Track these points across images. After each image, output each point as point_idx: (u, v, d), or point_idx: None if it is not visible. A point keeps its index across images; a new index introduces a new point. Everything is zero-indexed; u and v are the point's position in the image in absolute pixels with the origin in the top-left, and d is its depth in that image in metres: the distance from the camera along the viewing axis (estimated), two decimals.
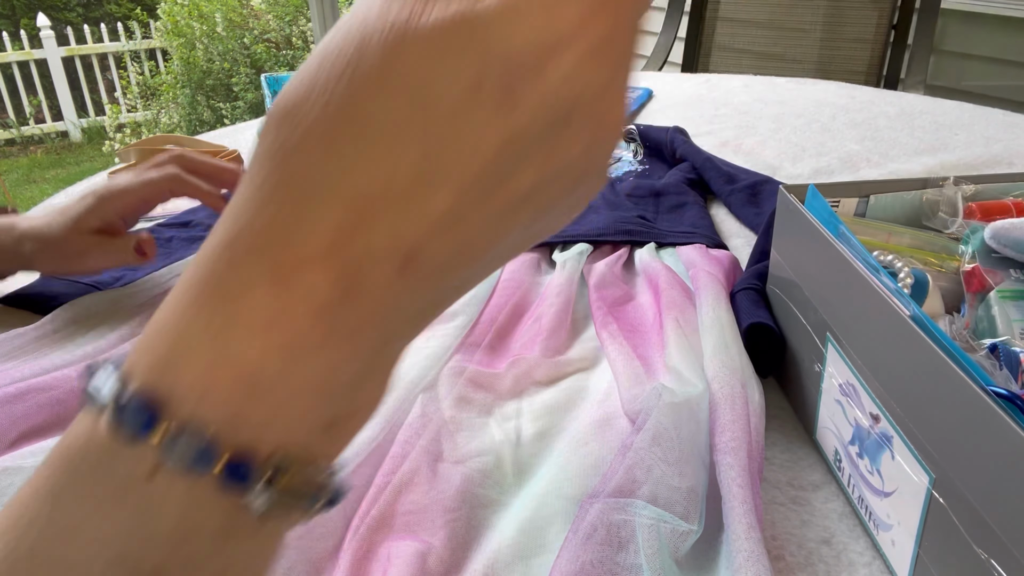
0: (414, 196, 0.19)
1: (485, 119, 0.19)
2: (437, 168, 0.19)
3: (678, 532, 0.38)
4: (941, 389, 0.33)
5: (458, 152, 0.19)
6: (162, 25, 4.80)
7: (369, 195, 0.18)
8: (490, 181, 0.19)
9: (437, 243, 0.19)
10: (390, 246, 0.19)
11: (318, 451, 0.20)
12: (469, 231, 0.19)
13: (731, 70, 1.93)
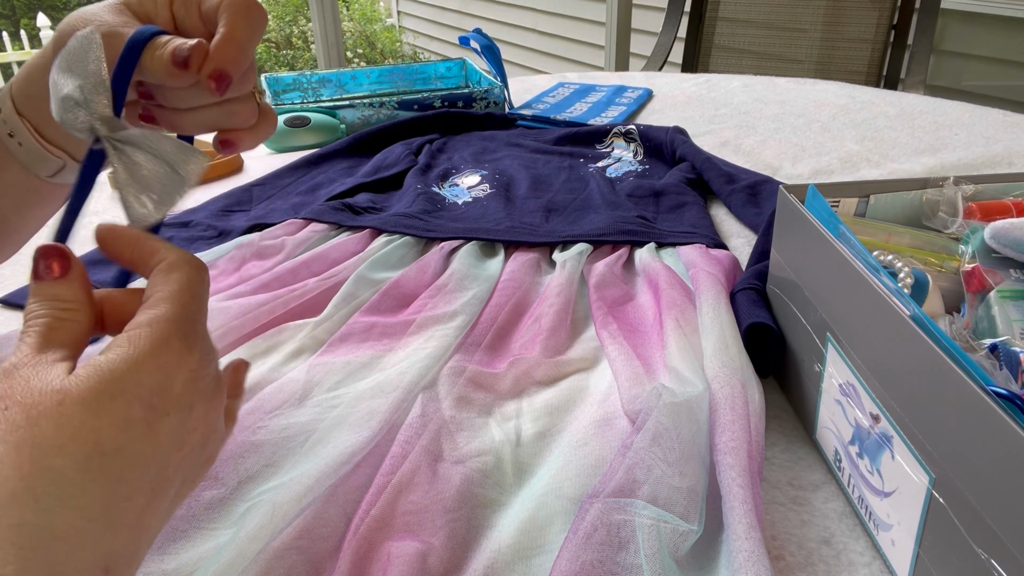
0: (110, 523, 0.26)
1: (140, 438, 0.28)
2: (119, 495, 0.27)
3: (678, 532, 0.38)
4: (941, 389, 0.33)
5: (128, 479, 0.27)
6: None
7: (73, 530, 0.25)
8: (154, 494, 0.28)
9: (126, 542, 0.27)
10: (96, 561, 0.25)
11: None
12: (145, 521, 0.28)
13: (731, 70, 1.93)
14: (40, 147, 0.43)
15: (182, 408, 0.29)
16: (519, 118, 1.09)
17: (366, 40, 5.04)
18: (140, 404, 0.28)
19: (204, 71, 0.37)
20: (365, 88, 1.25)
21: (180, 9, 0.40)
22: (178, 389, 0.29)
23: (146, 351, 0.28)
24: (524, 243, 0.70)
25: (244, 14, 0.39)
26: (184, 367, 0.29)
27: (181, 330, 0.30)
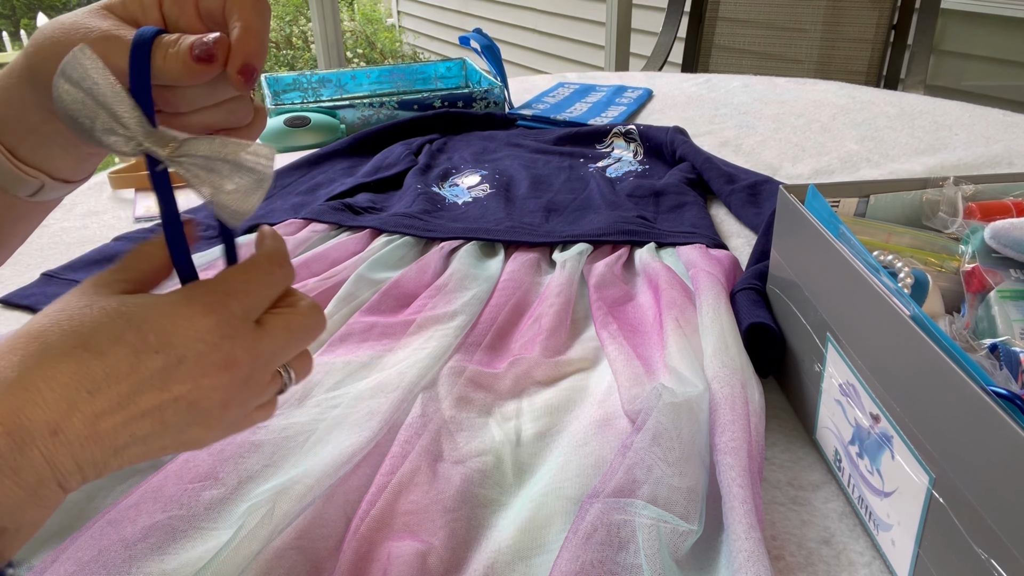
0: (68, 401, 0.29)
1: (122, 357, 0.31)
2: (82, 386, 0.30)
3: (678, 532, 0.38)
4: (941, 389, 0.33)
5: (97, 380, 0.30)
6: None
7: (36, 387, 0.29)
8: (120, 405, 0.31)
9: (75, 425, 0.30)
10: (45, 421, 0.29)
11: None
12: (102, 424, 0.30)
13: (731, 70, 1.93)
14: (15, 170, 0.42)
15: (171, 356, 0.32)
16: (519, 118, 1.09)
17: (366, 40, 5.04)
18: (137, 331, 0.31)
19: (231, 66, 0.36)
20: (365, 88, 1.25)
21: (172, 9, 0.39)
22: (176, 340, 0.32)
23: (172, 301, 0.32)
24: (524, 243, 0.70)
25: (255, 6, 0.38)
26: (191, 326, 0.32)
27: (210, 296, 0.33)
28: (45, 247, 0.77)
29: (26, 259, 0.74)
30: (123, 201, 0.88)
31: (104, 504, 0.43)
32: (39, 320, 0.31)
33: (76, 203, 0.88)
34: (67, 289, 0.63)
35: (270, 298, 0.36)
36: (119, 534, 0.39)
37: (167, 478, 0.42)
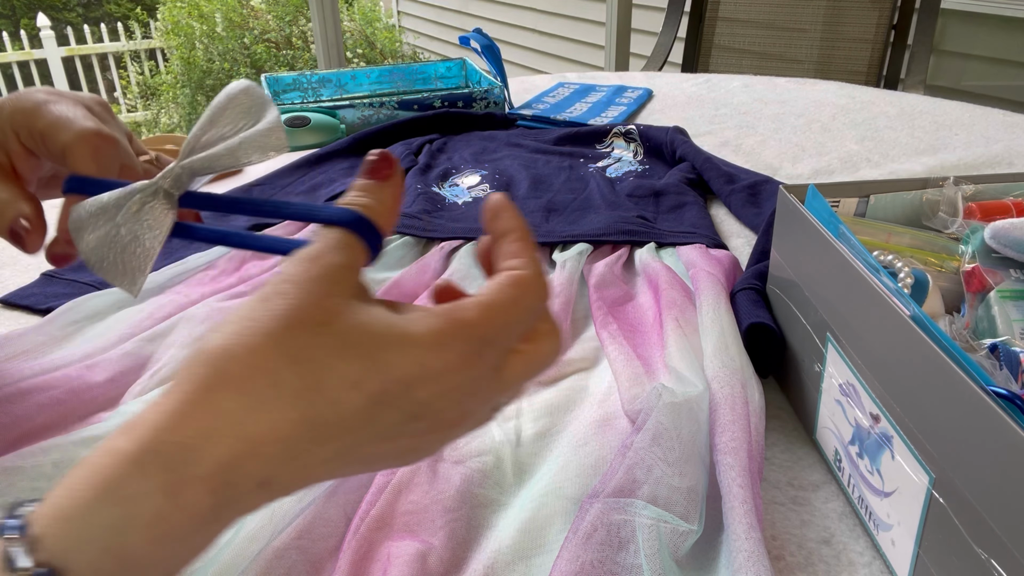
0: (287, 453, 0.26)
1: (356, 408, 0.26)
2: (308, 437, 0.26)
3: (678, 532, 0.38)
4: (941, 389, 0.33)
5: (325, 430, 0.26)
6: (162, 25, 4.81)
7: (254, 438, 0.25)
8: (338, 457, 0.27)
9: (287, 475, 0.27)
10: (260, 474, 0.26)
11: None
12: (313, 474, 0.27)
13: (731, 70, 1.93)
14: None
15: (408, 414, 0.28)
16: (519, 118, 1.09)
17: (366, 40, 5.04)
18: (378, 381, 0.27)
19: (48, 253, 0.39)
20: (365, 88, 1.25)
21: (29, 141, 0.41)
22: (421, 395, 0.27)
23: (424, 345, 0.27)
24: None
25: (93, 158, 0.39)
26: (442, 380, 0.28)
27: (469, 344, 0.28)
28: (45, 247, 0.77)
29: (26, 259, 0.74)
30: None
31: None
32: (262, 332, 0.26)
33: None
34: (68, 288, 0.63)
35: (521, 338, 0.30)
36: None
37: None
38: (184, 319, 0.57)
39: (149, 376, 0.52)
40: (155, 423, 0.25)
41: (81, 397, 0.49)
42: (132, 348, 0.54)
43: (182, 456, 0.24)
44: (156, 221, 0.33)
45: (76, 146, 0.39)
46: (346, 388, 0.26)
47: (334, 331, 0.26)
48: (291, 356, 0.26)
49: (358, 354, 0.26)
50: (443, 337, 0.27)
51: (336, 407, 0.26)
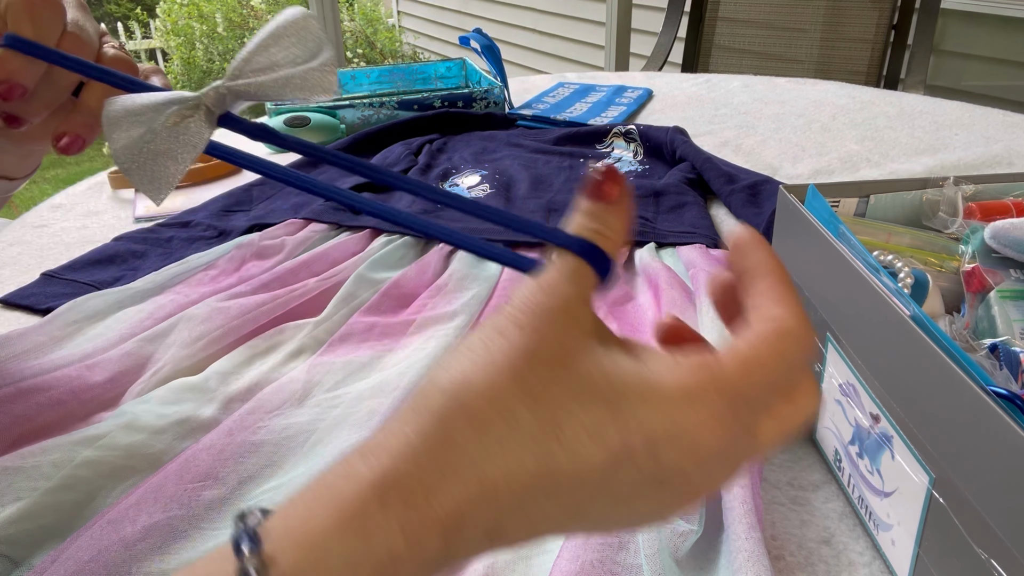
0: (518, 502, 0.24)
1: (594, 461, 0.24)
2: (548, 483, 0.24)
3: (678, 532, 0.38)
4: (941, 389, 0.33)
5: (558, 481, 0.24)
6: (162, 25, 4.81)
7: (491, 483, 0.23)
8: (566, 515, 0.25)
9: (514, 527, 0.24)
10: (490, 522, 0.24)
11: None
12: (539, 526, 0.25)
13: (731, 70, 1.93)
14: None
15: (651, 477, 0.25)
16: (519, 118, 1.09)
17: (366, 40, 5.04)
18: (621, 432, 0.24)
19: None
20: (365, 88, 1.25)
21: None
22: (667, 457, 0.24)
23: (670, 395, 0.24)
24: (524, 243, 0.70)
25: (29, 15, 0.38)
26: (694, 441, 0.24)
27: (718, 403, 0.24)
28: (45, 247, 0.77)
29: (26, 259, 0.74)
30: (123, 201, 0.88)
31: (104, 504, 0.43)
32: (503, 366, 0.24)
33: (76, 203, 0.88)
34: (67, 289, 0.63)
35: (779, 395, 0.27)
36: (119, 534, 0.39)
37: (167, 478, 0.42)
38: (184, 319, 0.57)
39: (149, 376, 0.52)
40: (395, 452, 0.23)
41: (81, 397, 0.49)
42: (132, 348, 0.54)
43: (424, 493, 0.23)
44: (193, 138, 0.32)
45: (13, 5, 0.38)
46: (585, 438, 0.24)
47: (574, 373, 0.24)
48: (531, 395, 0.24)
49: (600, 401, 0.24)
50: (697, 393, 0.24)
51: (573, 459, 0.24)
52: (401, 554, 0.23)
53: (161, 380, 0.51)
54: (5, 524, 0.38)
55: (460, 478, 0.23)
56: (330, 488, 0.23)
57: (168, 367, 0.52)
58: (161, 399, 0.49)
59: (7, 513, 0.39)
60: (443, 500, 0.23)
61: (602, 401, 0.24)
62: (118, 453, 0.44)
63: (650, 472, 0.24)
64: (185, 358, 0.53)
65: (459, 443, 0.23)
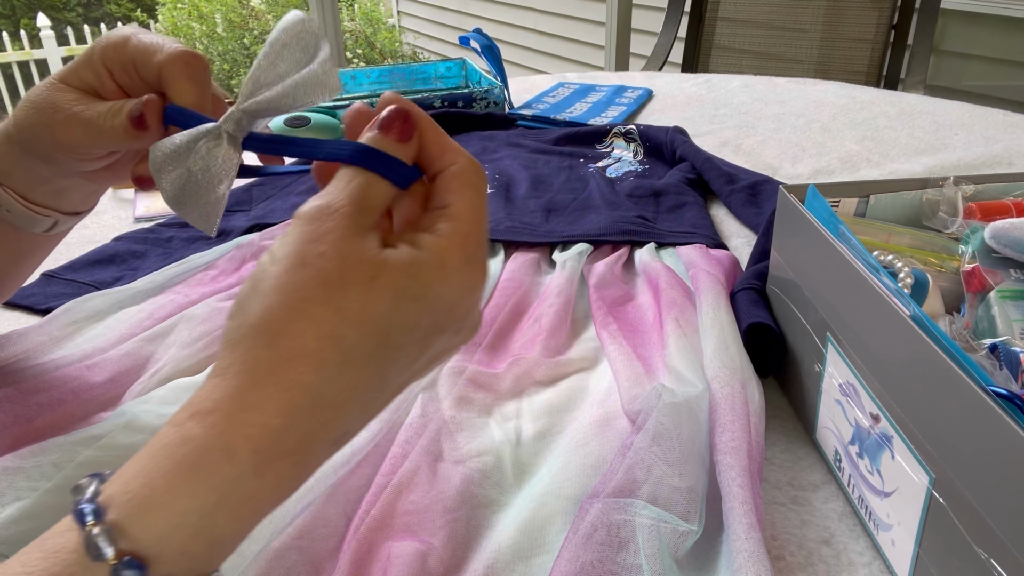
0: (361, 406, 0.27)
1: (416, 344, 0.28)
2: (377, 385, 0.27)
3: (678, 532, 0.38)
4: (941, 389, 0.33)
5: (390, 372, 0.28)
6: (162, 26, 4.81)
7: (335, 404, 0.26)
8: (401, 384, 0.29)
9: (356, 425, 0.28)
10: (337, 434, 0.27)
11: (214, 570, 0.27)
12: (376, 412, 0.29)
13: (731, 70, 1.93)
14: (29, 212, 0.44)
15: (456, 329, 0.30)
16: (519, 118, 1.09)
17: (366, 40, 5.05)
18: (430, 315, 0.28)
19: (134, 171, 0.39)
20: (365, 88, 1.25)
21: (123, 77, 0.41)
22: (460, 311, 0.29)
23: (454, 268, 0.28)
24: (524, 243, 0.70)
25: (187, 75, 0.39)
26: (474, 292, 0.30)
27: (480, 253, 0.30)
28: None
29: None
30: (123, 201, 0.88)
31: None
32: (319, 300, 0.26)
33: None
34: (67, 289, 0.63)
35: None
36: None
37: None
38: (184, 319, 0.57)
39: (149, 376, 0.52)
40: (227, 410, 0.25)
41: (81, 397, 0.49)
42: (132, 348, 0.54)
43: (268, 437, 0.25)
44: (224, 165, 0.34)
45: (170, 64, 0.38)
46: (407, 332, 0.27)
47: (385, 283, 0.27)
48: (354, 320, 0.26)
49: (412, 298, 0.27)
50: (465, 255, 0.29)
51: (401, 351, 0.27)
52: (257, 491, 0.25)
53: (161, 380, 0.51)
54: (5, 524, 0.38)
55: (307, 410, 0.25)
56: (171, 454, 0.24)
57: (168, 367, 0.52)
58: (161, 399, 0.48)
59: (7, 513, 0.39)
60: (291, 436, 0.25)
61: (413, 298, 0.27)
62: (118, 453, 0.44)
63: (453, 328, 0.29)
64: (185, 358, 0.53)
65: (297, 381, 0.25)
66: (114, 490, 0.24)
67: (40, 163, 0.42)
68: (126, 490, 0.24)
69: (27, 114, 0.41)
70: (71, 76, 0.41)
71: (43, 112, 0.40)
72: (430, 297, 0.28)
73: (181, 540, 0.24)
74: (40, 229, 0.45)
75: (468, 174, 0.31)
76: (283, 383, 0.25)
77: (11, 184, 0.43)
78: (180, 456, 0.24)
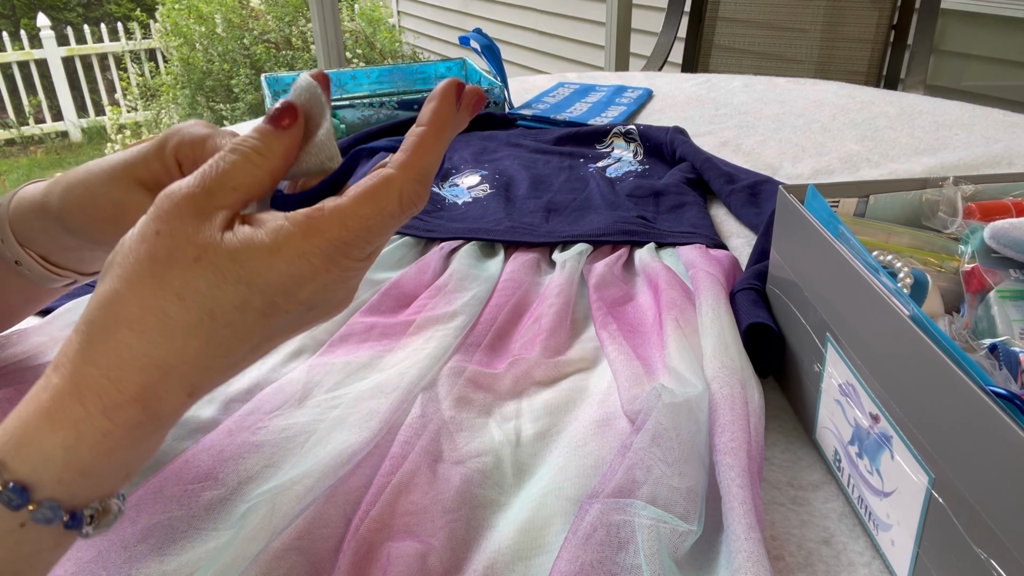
0: (202, 367, 0.30)
1: (252, 322, 0.30)
2: (216, 353, 0.30)
3: (678, 532, 0.38)
4: (941, 389, 0.33)
5: (230, 344, 0.30)
6: (161, 26, 4.81)
7: (164, 363, 0.29)
8: (252, 352, 0.32)
9: (208, 381, 0.31)
10: (185, 387, 0.30)
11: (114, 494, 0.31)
12: (235, 369, 0.32)
13: (731, 70, 1.93)
14: (48, 273, 0.45)
15: (301, 310, 0.31)
16: (519, 118, 1.09)
17: (366, 40, 5.04)
18: (262, 297, 0.30)
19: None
20: (365, 88, 1.25)
21: (191, 170, 0.41)
22: (303, 296, 0.31)
23: (286, 257, 0.30)
24: (524, 243, 0.70)
25: None
26: (317, 280, 0.31)
27: (331, 248, 0.31)
28: None
29: None
30: None
31: None
32: (144, 274, 0.29)
33: None
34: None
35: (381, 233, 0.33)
36: (118, 535, 0.39)
37: (167, 479, 0.42)
38: None
39: None
40: (74, 361, 0.29)
41: None
42: None
43: (109, 385, 0.29)
44: None
45: None
46: (236, 310, 0.30)
47: (207, 263, 0.29)
48: (176, 293, 0.29)
49: (236, 279, 0.30)
50: (305, 248, 0.30)
51: (233, 327, 0.30)
52: (110, 430, 0.29)
53: None
54: None
55: (136, 367, 0.29)
56: (37, 399, 0.29)
57: None
58: None
59: None
60: (128, 386, 0.29)
61: (235, 280, 0.29)
62: None
63: (298, 308, 0.31)
64: None
65: (124, 343, 0.29)
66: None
67: (71, 238, 0.44)
68: (5, 432, 0.29)
69: (82, 204, 0.42)
70: (142, 168, 0.41)
71: (105, 207, 0.41)
72: (256, 281, 0.30)
73: (54, 470, 0.28)
74: (57, 286, 0.47)
75: (384, 187, 0.32)
76: (112, 343, 0.29)
77: (33, 248, 0.44)
78: (43, 401, 0.29)
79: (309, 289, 0.31)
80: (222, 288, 0.30)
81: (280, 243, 0.30)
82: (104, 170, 0.42)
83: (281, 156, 0.33)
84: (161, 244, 0.30)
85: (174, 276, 0.29)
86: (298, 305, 0.31)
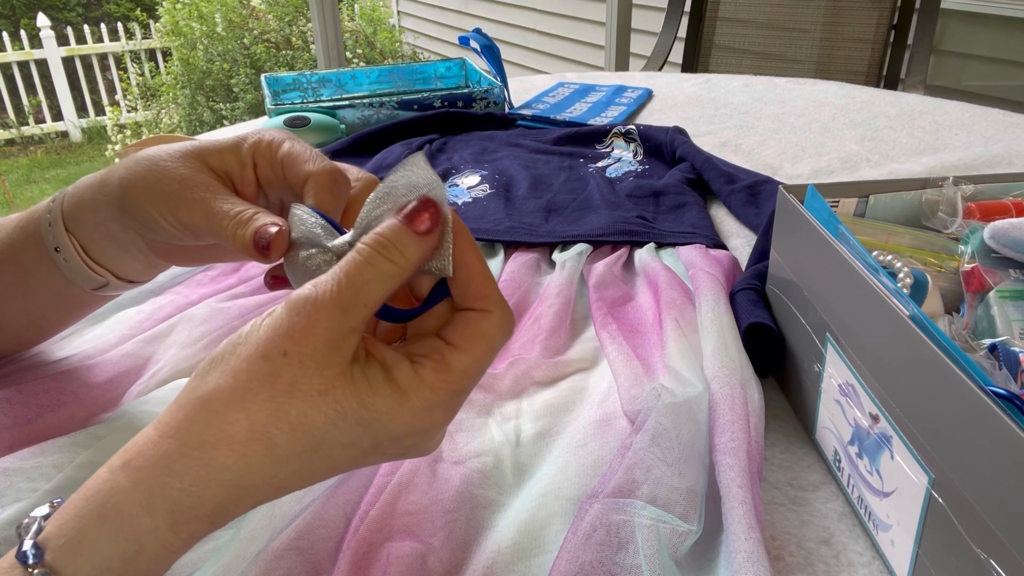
0: (280, 488, 0.29)
1: (351, 459, 0.30)
2: (301, 480, 0.29)
3: (678, 532, 0.38)
4: (941, 389, 0.33)
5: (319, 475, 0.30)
6: (162, 26, 4.81)
7: (252, 486, 0.28)
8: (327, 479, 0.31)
9: (275, 496, 0.30)
10: (251, 503, 0.29)
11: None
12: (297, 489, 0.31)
13: (731, 70, 1.93)
14: (84, 266, 0.44)
15: (399, 452, 0.31)
16: (519, 118, 1.09)
17: (366, 40, 5.04)
18: (372, 439, 0.29)
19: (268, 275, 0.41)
20: (365, 88, 1.25)
21: (266, 172, 0.42)
22: (408, 442, 0.31)
23: (412, 411, 0.30)
24: (524, 243, 0.70)
25: (331, 189, 0.40)
26: (429, 433, 0.31)
27: (452, 404, 0.31)
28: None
29: None
30: None
31: None
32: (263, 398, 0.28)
33: None
34: None
35: None
36: None
37: None
38: (184, 319, 0.57)
39: (149, 376, 0.52)
40: (154, 469, 0.27)
41: (81, 398, 0.49)
42: (132, 349, 0.54)
43: (185, 500, 0.27)
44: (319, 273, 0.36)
45: (320, 177, 0.40)
46: (342, 447, 0.29)
47: (332, 400, 0.28)
48: (291, 424, 0.28)
49: (354, 422, 0.29)
50: (432, 401, 0.30)
51: (330, 460, 0.29)
52: (171, 543, 0.27)
53: (161, 381, 0.51)
54: (5, 525, 0.38)
55: (221, 486, 0.27)
56: (102, 502, 0.27)
57: (168, 368, 0.52)
58: (161, 400, 0.49)
59: (7, 514, 0.39)
60: (206, 504, 0.27)
61: (356, 422, 0.28)
62: None
63: (395, 452, 0.31)
64: (185, 359, 0.53)
65: (221, 462, 0.27)
66: (52, 531, 0.27)
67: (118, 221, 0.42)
68: (61, 532, 0.27)
69: (145, 176, 0.41)
70: (214, 157, 0.41)
71: (169, 182, 0.40)
72: (376, 427, 0.29)
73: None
74: (90, 286, 0.46)
75: (493, 328, 0.31)
76: (206, 460, 0.27)
77: (76, 231, 0.43)
78: (109, 506, 0.27)
79: (419, 437, 0.31)
80: (338, 426, 0.28)
81: (410, 395, 0.29)
82: (176, 148, 0.41)
83: (416, 266, 0.30)
84: (287, 370, 0.28)
85: (293, 406, 0.28)
86: (401, 449, 0.31)
